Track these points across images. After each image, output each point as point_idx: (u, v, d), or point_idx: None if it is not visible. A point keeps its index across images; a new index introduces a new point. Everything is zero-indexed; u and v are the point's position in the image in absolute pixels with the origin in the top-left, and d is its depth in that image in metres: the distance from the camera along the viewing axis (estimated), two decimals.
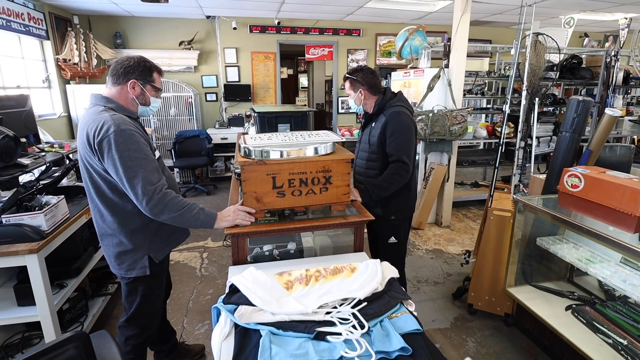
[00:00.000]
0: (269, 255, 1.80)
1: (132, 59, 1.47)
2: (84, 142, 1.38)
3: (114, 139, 1.31)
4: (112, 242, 1.50)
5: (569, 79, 4.48)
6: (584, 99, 2.19)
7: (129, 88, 1.47)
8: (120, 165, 1.32)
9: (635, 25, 3.99)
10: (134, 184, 1.33)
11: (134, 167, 1.33)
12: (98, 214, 1.49)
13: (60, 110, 5.03)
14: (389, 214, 1.99)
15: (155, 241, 1.55)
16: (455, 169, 4.03)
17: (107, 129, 1.32)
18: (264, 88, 6.47)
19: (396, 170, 1.86)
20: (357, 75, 1.94)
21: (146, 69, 1.49)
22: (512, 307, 2.31)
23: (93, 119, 1.36)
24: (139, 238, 1.50)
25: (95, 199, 1.46)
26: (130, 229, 1.48)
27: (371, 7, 5.26)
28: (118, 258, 1.52)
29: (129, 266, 1.52)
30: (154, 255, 1.55)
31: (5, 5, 3.89)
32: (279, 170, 1.56)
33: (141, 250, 1.52)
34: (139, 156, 1.35)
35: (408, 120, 1.88)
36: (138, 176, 1.33)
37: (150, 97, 1.53)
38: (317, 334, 1.10)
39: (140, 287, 1.57)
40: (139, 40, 5.83)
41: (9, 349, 1.96)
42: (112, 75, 1.46)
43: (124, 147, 1.33)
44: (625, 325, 1.78)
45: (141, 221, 1.48)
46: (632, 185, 1.61)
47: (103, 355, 1.19)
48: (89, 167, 1.42)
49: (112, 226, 1.48)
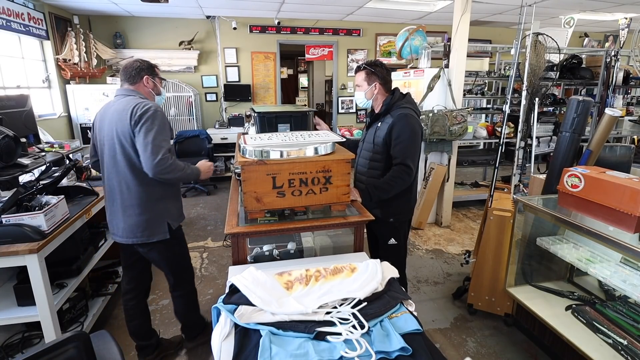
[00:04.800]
0: (269, 255, 1.80)
1: (137, 62, 1.81)
2: (122, 120, 1.67)
3: (154, 115, 1.66)
4: (136, 212, 1.76)
5: (569, 79, 4.48)
6: (584, 99, 2.19)
7: (145, 83, 1.82)
8: (153, 133, 1.63)
9: (635, 25, 3.99)
10: (157, 149, 1.63)
11: (162, 140, 1.66)
12: (125, 186, 1.75)
13: (60, 110, 5.03)
14: (388, 216, 1.98)
15: (172, 211, 1.86)
16: (455, 169, 4.03)
17: (150, 107, 1.67)
18: (264, 88, 6.47)
19: (399, 173, 1.84)
20: (375, 69, 1.91)
21: (151, 67, 1.85)
22: (512, 307, 2.31)
23: (134, 103, 1.68)
24: (160, 207, 1.80)
25: (126, 172, 1.73)
26: (153, 199, 1.77)
27: (371, 7, 5.26)
28: (141, 226, 1.78)
29: (151, 232, 1.79)
30: (171, 223, 1.84)
31: (5, 5, 3.89)
32: (279, 170, 1.56)
33: (161, 217, 1.80)
34: (167, 132, 1.71)
35: (415, 123, 1.86)
36: (162, 146, 1.64)
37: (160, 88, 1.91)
38: (317, 334, 1.10)
39: (170, 249, 1.88)
40: (139, 40, 5.83)
41: (9, 349, 1.96)
42: (126, 78, 1.79)
43: (160, 122, 1.68)
44: (625, 325, 1.78)
45: (162, 192, 1.80)
46: (632, 185, 1.61)
47: (103, 355, 1.19)
48: (125, 142, 1.69)
49: (137, 196, 1.75)
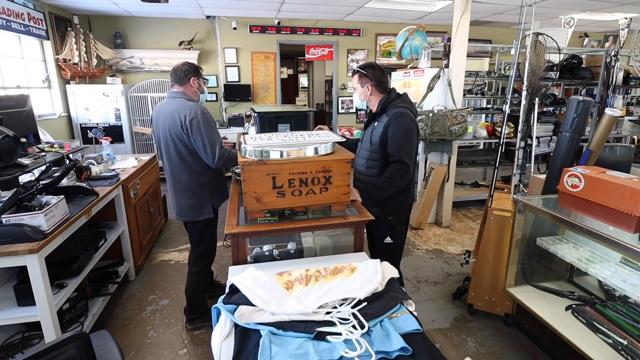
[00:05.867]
0: (269, 255, 1.80)
1: (185, 65, 2.11)
2: (174, 122, 1.99)
3: (201, 119, 1.96)
4: (187, 196, 2.12)
5: (569, 79, 4.48)
6: (584, 99, 2.19)
7: (191, 84, 2.11)
8: (205, 136, 1.96)
9: (635, 25, 3.99)
10: (214, 148, 1.97)
11: (214, 137, 1.99)
12: (177, 175, 2.10)
13: (60, 110, 5.03)
14: (386, 214, 1.99)
15: (214, 195, 2.19)
16: (455, 169, 4.03)
17: (196, 112, 1.96)
18: (264, 88, 6.47)
19: (396, 170, 1.86)
20: (367, 71, 1.96)
21: (196, 69, 2.14)
22: (512, 307, 2.31)
23: (182, 106, 1.99)
24: (206, 192, 2.14)
25: (177, 164, 2.08)
26: (200, 185, 2.11)
27: (371, 7, 5.26)
28: (191, 207, 2.13)
29: (200, 212, 2.14)
30: (214, 204, 2.20)
31: (5, 5, 3.89)
32: (279, 170, 1.56)
33: (207, 200, 2.15)
34: (215, 130, 2.02)
35: (410, 122, 1.89)
36: (216, 144, 1.98)
37: (204, 87, 2.20)
38: (317, 334, 1.10)
39: (207, 228, 2.23)
40: (139, 40, 5.83)
41: (9, 349, 1.95)
42: (176, 80, 2.10)
43: (206, 124, 1.98)
44: (625, 325, 1.78)
45: (207, 179, 2.13)
46: (632, 185, 1.61)
47: (103, 355, 1.19)
48: (177, 140, 2.02)
49: (187, 184, 2.10)
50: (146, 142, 5.65)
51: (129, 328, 2.37)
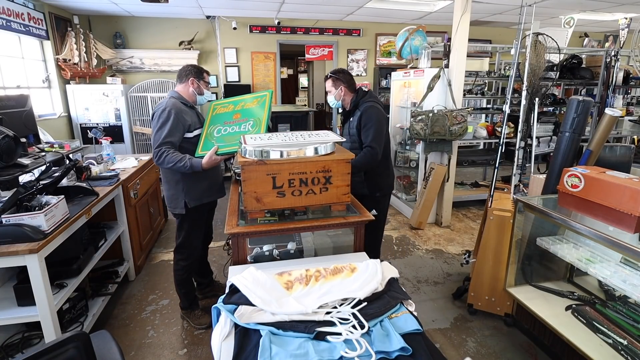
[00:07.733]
0: (269, 255, 1.80)
1: (189, 66, 2.19)
2: None
3: (159, 114, 2.02)
4: (166, 187, 2.22)
5: (569, 79, 4.48)
6: (584, 99, 2.19)
7: (189, 84, 2.17)
8: (154, 131, 2.02)
9: (635, 25, 3.99)
10: (154, 145, 2.00)
11: (161, 135, 1.99)
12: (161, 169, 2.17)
13: (60, 110, 5.03)
14: (374, 191, 2.35)
15: (191, 192, 2.17)
16: (455, 169, 4.03)
17: (163, 108, 2.02)
18: (264, 88, 6.46)
19: (365, 153, 2.19)
20: (339, 75, 2.32)
21: (199, 71, 2.20)
22: (512, 307, 2.31)
23: (160, 102, 2.08)
24: (179, 187, 2.16)
25: None
26: (174, 180, 2.15)
27: (371, 7, 5.26)
28: (168, 198, 2.21)
29: (174, 205, 2.20)
30: (188, 201, 2.18)
31: (5, 5, 3.89)
32: (279, 170, 1.56)
33: (180, 196, 2.17)
34: (163, 127, 2.00)
35: (379, 112, 2.23)
36: (158, 141, 1.99)
37: (204, 90, 2.23)
38: (317, 334, 1.10)
39: (184, 223, 2.25)
40: (139, 40, 5.83)
41: (9, 349, 1.95)
42: (177, 78, 2.20)
43: (164, 119, 2.00)
44: (625, 325, 1.78)
45: (180, 176, 2.13)
46: (632, 185, 1.61)
47: (103, 355, 1.19)
48: None
49: (166, 176, 2.19)
50: (146, 142, 5.64)
51: (129, 328, 2.37)
